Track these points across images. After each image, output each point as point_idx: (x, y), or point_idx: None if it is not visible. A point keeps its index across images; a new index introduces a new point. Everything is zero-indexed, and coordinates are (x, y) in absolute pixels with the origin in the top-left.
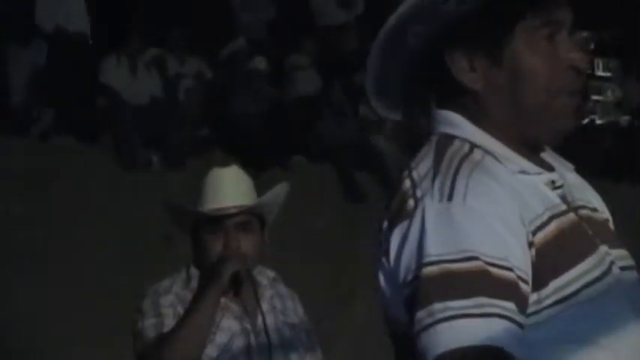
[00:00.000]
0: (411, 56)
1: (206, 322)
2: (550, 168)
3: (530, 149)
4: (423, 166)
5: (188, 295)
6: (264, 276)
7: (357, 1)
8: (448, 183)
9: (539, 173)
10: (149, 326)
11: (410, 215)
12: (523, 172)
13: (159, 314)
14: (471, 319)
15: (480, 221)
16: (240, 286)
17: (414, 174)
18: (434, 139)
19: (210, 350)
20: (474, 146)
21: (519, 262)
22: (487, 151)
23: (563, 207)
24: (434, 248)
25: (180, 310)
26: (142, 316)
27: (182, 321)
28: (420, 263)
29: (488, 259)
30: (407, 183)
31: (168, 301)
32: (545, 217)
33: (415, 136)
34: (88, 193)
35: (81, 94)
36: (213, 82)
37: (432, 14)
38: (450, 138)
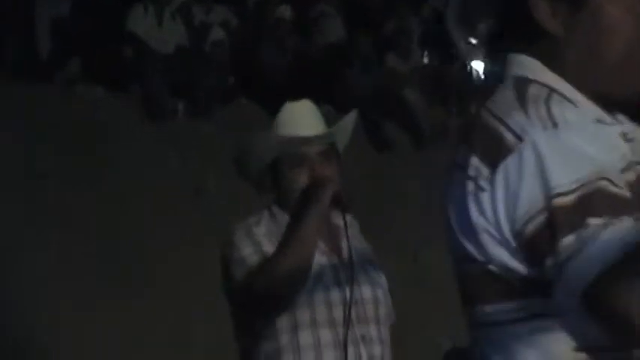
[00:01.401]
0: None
1: (311, 242)
2: (621, 120)
3: (603, 102)
4: (505, 104)
5: (276, 229)
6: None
7: None
8: (544, 114)
9: (613, 124)
10: (249, 254)
11: (514, 149)
12: (599, 120)
13: (256, 242)
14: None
15: (591, 141)
16: (340, 208)
17: (497, 112)
18: (509, 81)
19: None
20: (551, 90)
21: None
22: (564, 97)
23: (633, 159)
24: (562, 176)
25: (274, 240)
26: (236, 247)
27: (287, 242)
28: (551, 193)
29: (611, 178)
30: (492, 121)
31: (261, 231)
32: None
33: (442, 85)
34: (114, 142)
35: (107, 43)
36: (239, 31)
37: None
38: (527, 81)
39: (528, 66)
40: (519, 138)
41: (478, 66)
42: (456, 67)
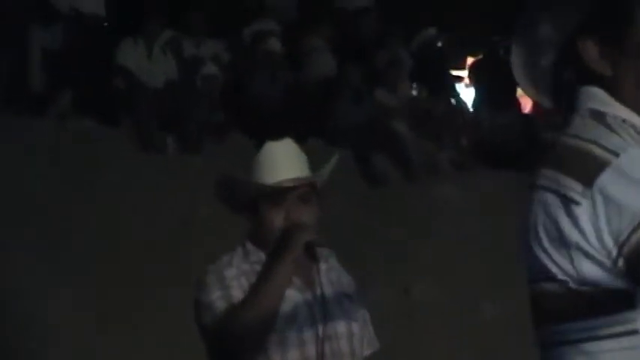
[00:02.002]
0: (549, 46)
1: (280, 289)
2: None
3: None
4: (591, 129)
5: (248, 268)
6: (318, 252)
7: None
8: (635, 135)
9: None
10: (217, 298)
11: (610, 163)
12: None
13: (225, 287)
14: None
15: None
16: (314, 255)
17: (586, 136)
18: (584, 112)
19: (277, 322)
20: (623, 121)
21: None
22: (634, 126)
23: None
24: None
25: (244, 282)
26: (206, 290)
27: (256, 289)
28: None
29: None
30: (581, 143)
31: (232, 274)
32: None
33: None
34: (105, 174)
35: (97, 77)
36: (230, 64)
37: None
38: (600, 113)
39: (599, 98)
40: (615, 154)
41: (466, 98)
42: (444, 100)
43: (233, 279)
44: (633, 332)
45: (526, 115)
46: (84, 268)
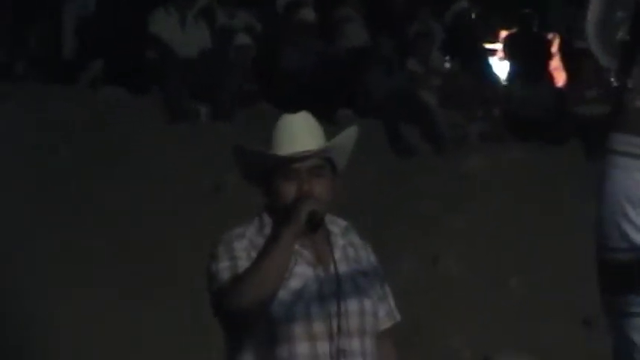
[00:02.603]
0: (631, 4)
1: (282, 261)
2: None
3: None
4: None
5: (261, 241)
6: (336, 225)
7: None
8: None
9: None
10: (223, 268)
11: None
12: None
13: (233, 257)
14: None
15: None
16: (317, 226)
17: None
18: None
19: (284, 295)
20: None
21: None
22: None
23: None
24: None
25: (254, 255)
26: (215, 260)
27: (258, 260)
28: None
29: None
30: None
31: (242, 246)
32: None
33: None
34: (137, 144)
35: (130, 45)
36: (262, 35)
37: None
38: None
39: None
40: None
41: (500, 71)
42: (477, 73)
43: (243, 250)
44: None
45: (558, 89)
46: (113, 234)
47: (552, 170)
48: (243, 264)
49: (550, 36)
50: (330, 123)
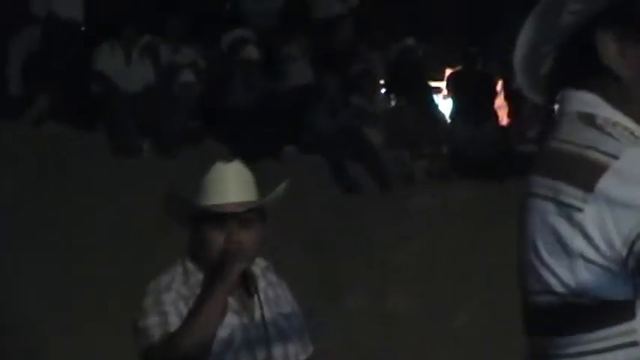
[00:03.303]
0: (561, 35)
1: (214, 320)
2: None
3: None
4: (583, 133)
5: (187, 292)
6: (257, 266)
7: None
8: (631, 137)
9: None
10: (153, 325)
11: (609, 166)
12: None
13: (162, 312)
14: None
15: None
16: (248, 284)
17: (579, 141)
18: (572, 115)
19: (215, 346)
20: (614, 123)
21: None
22: (626, 129)
23: None
24: None
25: (182, 308)
26: (144, 314)
27: (190, 318)
28: None
29: None
30: (575, 148)
31: (170, 299)
32: None
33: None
34: (81, 179)
35: (75, 81)
36: (207, 71)
37: None
38: (590, 116)
39: (589, 102)
40: (614, 157)
41: (443, 107)
42: (422, 111)
43: (171, 304)
44: (633, 344)
45: (502, 127)
46: (58, 270)
47: (497, 207)
48: (173, 320)
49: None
50: (274, 160)
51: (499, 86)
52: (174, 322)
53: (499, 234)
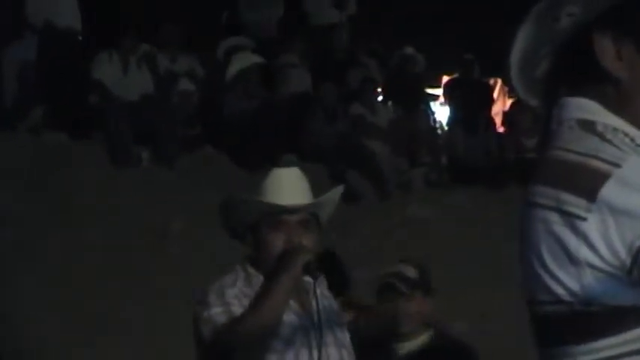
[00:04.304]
0: (558, 38)
1: (279, 306)
2: None
3: None
4: (584, 141)
5: (250, 292)
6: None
7: (351, 1)
8: (631, 144)
9: None
10: (217, 313)
11: (611, 174)
12: None
13: (226, 303)
14: None
15: None
16: (314, 275)
17: (579, 149)
18: (571, 123)
19: (277, 344)
20: (615, 129)
21: None
22: (627, 136)
23: None
24: None
25: (245, 303)
26: (207, 306)
27: (256, 302)
28: None
29: None
30: (576, 157)
31: (234, 293)
32: None
33: (405, 136)
34: (79, 189)
35: (72, 91)
36: (205, 80)
37: None
38: (590, 122)
39: (588, 109)
40: (616, 165)
41: (441, 116)
42: (419, 117)
43: (234, 297)
44: None
45: (499, 134)
46: (55, 281)
47: (495, 215)
48: (237, 310)
49: (491, 81)
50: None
51: (496, 93)
52: (238, 312)
53: (498, 242)
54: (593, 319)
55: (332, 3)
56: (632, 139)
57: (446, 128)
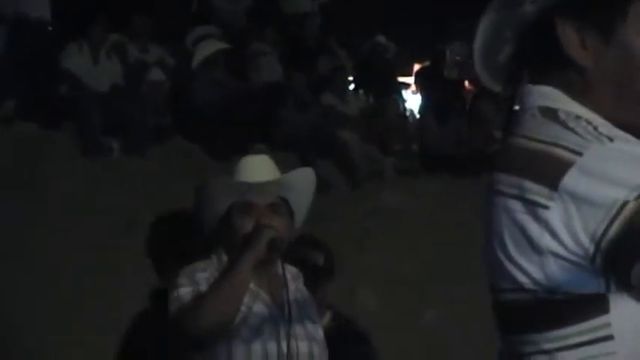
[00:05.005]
0: (522, 25)
1: (243, 284)
2: None
3: (629, 133)
4: (545, 129)
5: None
6: (288, 271)
7: None
8: (594, 131)
9: None
10: (185, 293)
11: (574, 162)
12: None
13: (194, 283)
14: None
15: None
16: (277, 253)
17: (541, 137)
18: (533, 111)
19: (245, 333)
20: (577, 117)
21: None
22: (590, 123)
23: None
24: (634, 176)
25: None
26: (177, 287)
27: (219, 281)
28: (623, 201)
29: None
30: (537, 145)
31: (204, 276)
32: None
33: (376, 124)
34: (50, 179)
35: (42, 81)
36: (175, 69)
37: None
38: (552, 110)
39: (550, 96)
40: (578, 153)
41: (412, 102)
42: (391, 105)
43: (204, 280)
44: (608, 338)
45: (470, 122)
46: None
47: (467, 204)
48: (205, 290)
49: None
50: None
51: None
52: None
53: (470, 230)
54: (556, 307)
55: None
56: (595, 128)
57: (417, 117)
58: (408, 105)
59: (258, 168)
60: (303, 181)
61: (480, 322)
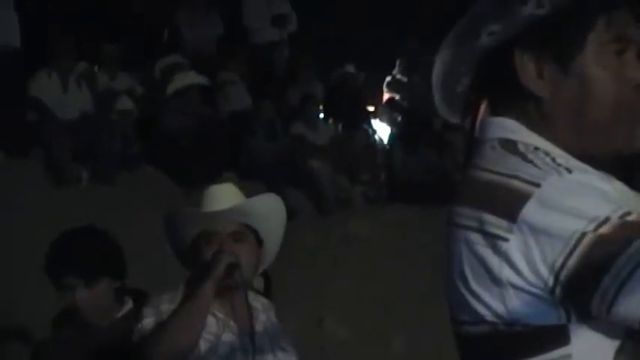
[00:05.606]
0: (479, 55)
1: (201, 310)
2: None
3: (587, 163)
4: (504, 161)
5: None
6: (259, 302)
7: (291, 19)
8: (552, 163)
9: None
10: (148, 323)
11: (532, 194)
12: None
13: (158, 313)
14: None
15: (606, 183)
16: (237, 279)
17: (499, 169)
18: (493, 143)
19: None
20: (536, 148)
21: None
22: (548, 155)
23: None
24: (593, 208)
25: None
26: (142, 319)
27: (179, 308)
28: (581, 232)
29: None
30: (496, 177)
31: (169, 308)
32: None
33: (346, 153)
34: (17, 209)
35: (10, 108)
36: (144, 98)
37: (509, 14)
38: (511, 142)
39: (509, 128)
40: (536, 185)
41: (382, 132)
42: (359, 134)
43: (169, 311)
44: None
45: (440, 151)
46: None
47: (435, 232)
48: (165, 319)
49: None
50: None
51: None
52: None
53: (437, 257)
54: (516, 339)
55: (272, 20)
56: (553, 159)
57: (386, 146)
58: (377, 134)
59: (220, 196)
60: (266, 206)
61: (449, 344)
